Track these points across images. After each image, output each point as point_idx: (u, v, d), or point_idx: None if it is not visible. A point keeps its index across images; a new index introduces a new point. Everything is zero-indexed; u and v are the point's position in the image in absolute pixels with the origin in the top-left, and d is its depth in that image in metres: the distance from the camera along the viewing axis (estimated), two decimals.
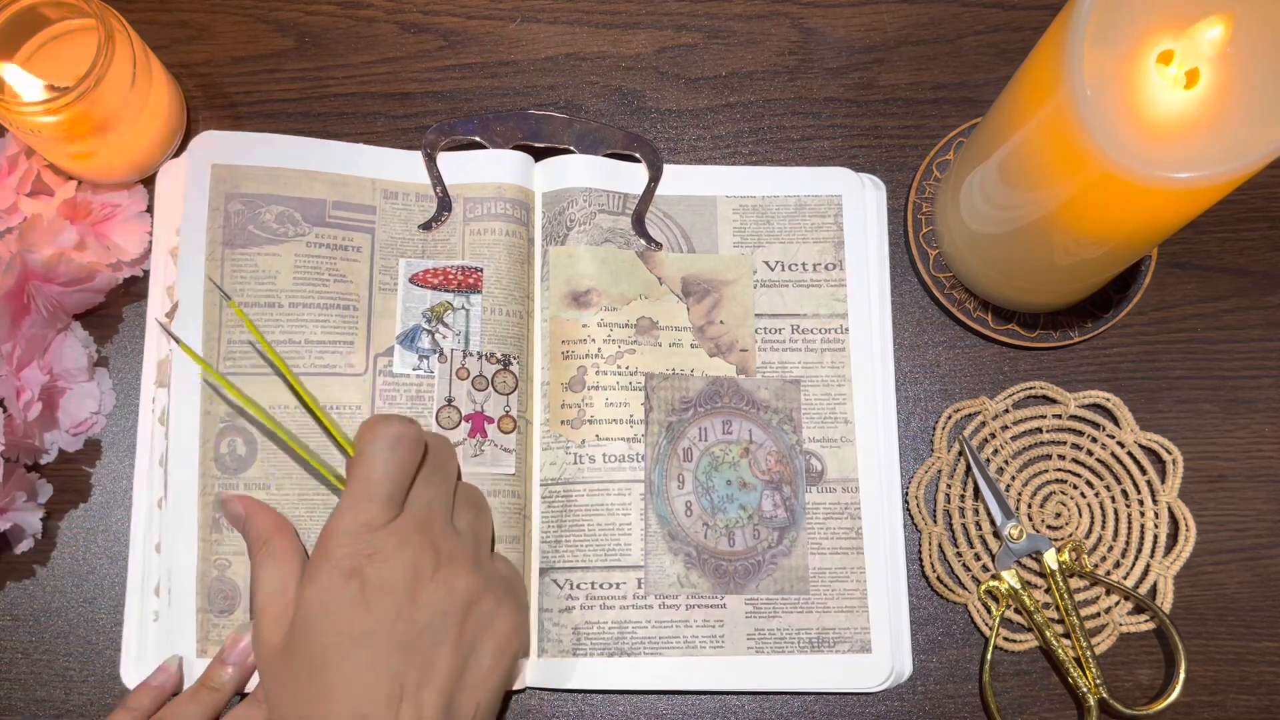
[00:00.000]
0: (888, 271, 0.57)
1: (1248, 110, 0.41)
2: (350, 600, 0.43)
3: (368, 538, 0.44)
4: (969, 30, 0.60)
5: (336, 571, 0.43)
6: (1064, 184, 0.44)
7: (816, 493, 0.54)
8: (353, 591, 0.43)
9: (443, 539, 0.45)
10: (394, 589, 0.43)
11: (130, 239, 0.55)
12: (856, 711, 0.53)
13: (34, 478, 0.53)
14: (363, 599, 0.43)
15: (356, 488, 0.45)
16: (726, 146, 0.59)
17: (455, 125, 0.56)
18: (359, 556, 0.43)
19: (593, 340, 0.54)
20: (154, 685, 0.49)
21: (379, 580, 0.43)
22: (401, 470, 0.45)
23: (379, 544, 0.44)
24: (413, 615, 0.43)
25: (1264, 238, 0.59)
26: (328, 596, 0.43)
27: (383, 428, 0.45)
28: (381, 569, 0.43)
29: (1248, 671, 0.54)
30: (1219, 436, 0.56)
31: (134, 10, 0.58)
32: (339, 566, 0.43)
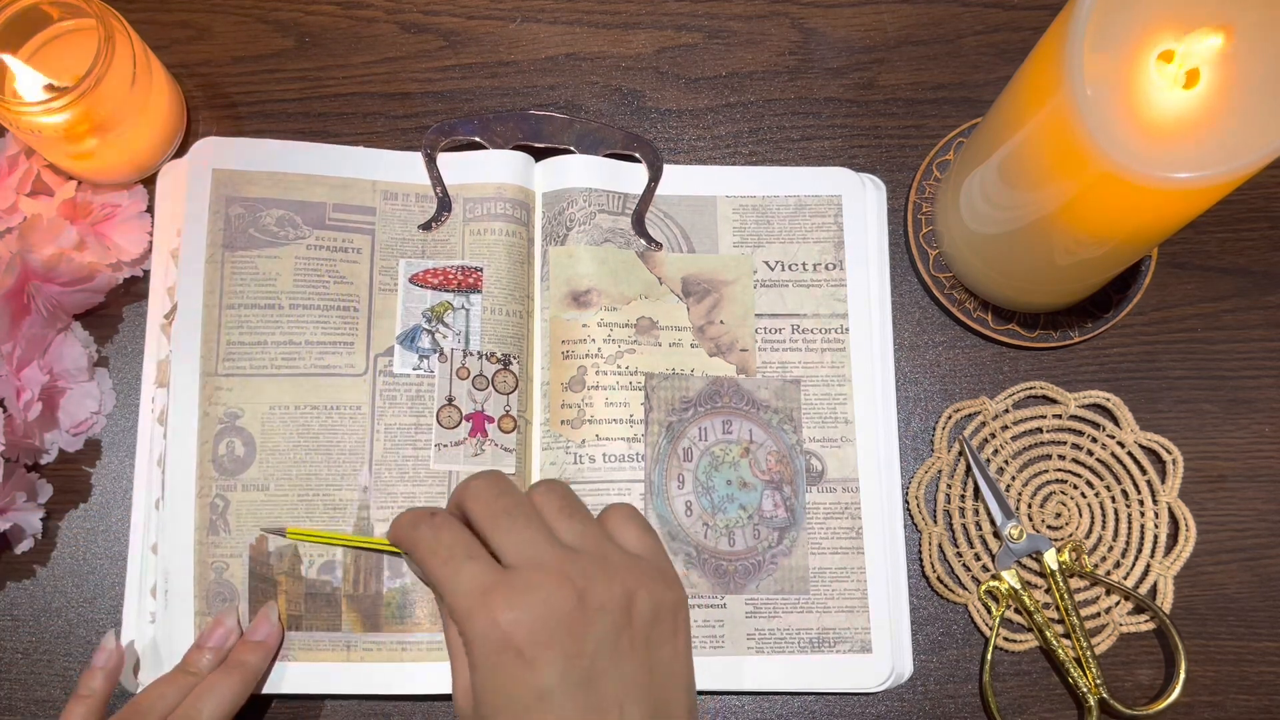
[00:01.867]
0: (888, 271, 0.57)
1: (1248, 110, 0.41)
2: (514, 669, 0.41)
3: (492, 602, 0.41)
4: (969, 30, 0.60)
5: (489, 649, 0.41)
6: (1064, 184, 0.44)
7: (816, 493, 0.54)
8: (513, 659, 0.41)
9: (566, 565, 0.42)
10: (550, 638, 0.41)
11: (130, 239, 0.55)
12: (856, 711, 0.53)
13: (34, 478, 0.53)
14: (524, 662, 0.40)
15: (442, 575, 0.43)
16: (726, 146, 0.59)
17: (455, 125, 0.56)
18: (496, 623, 0.41)
19: (593, 340, 0.54)
20: (99, 667, 0.48)
21: (531, 637, 0.41)
22: (460, 538, 0.44)
23: (509, 602, 0.41)
24: (580, 652, 0.41)
25: (1264, 238, 0.59)
26: (495, 675, 0.41)
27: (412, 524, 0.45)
28: (527, 625, 0.41)
29: (1248, 671, 0.54)
30: (1219, 436, 0.56)
31: (134, 10, 0.58)
32: (487, 643, 0.41)
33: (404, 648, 0.51)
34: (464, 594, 0.42)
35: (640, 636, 0.42)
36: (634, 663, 0.42)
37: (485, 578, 0.42)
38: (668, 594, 0.44)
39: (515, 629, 0.41)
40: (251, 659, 0.49)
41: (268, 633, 0.50)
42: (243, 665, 0.48)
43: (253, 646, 0.49)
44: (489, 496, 0.45)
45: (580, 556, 0.43)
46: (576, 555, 0.43)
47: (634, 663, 0.42)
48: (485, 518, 0.44)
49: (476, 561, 0.43)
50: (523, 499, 0.45)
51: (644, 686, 0.42)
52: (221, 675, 0.48)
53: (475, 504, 0.45)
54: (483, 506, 0.44)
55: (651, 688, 0.42)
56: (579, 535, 0.44)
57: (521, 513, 0.44)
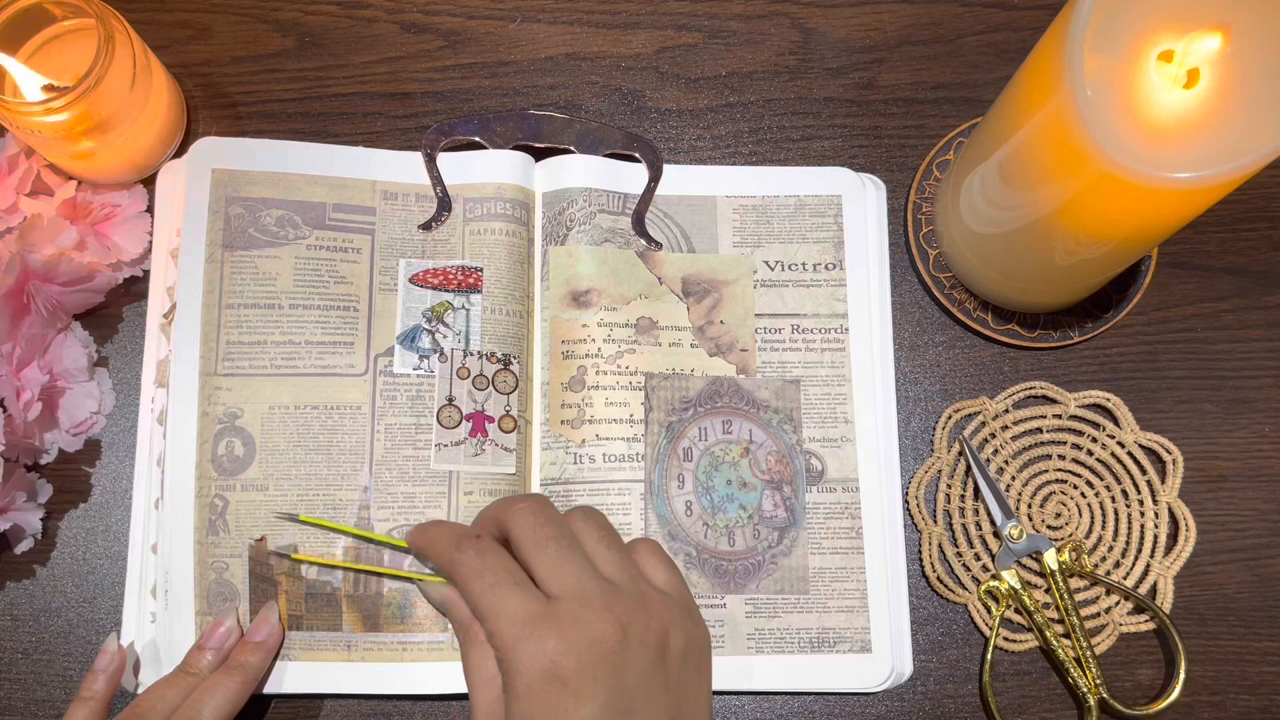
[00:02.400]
0: (888, 271, 0.57)
1: (1248, 110, 0.41)
2: (559, 699, 0.41)
3: (540, 632, 0.41)
4: (969, 30, 0.60)
5: (534, 679, 0.41)
6: (1064, 184, 0.44)
7: (816, 493, 0.54)
8: (557, 689, 0.41)
9: (610, 599, 0.43)
10: (595, 670, 0.41)
11: (130, 239, 0.55)
12: (856, 711, 0.53)
13: (34, 478, 0.53)
14: (570, 693, 0.41)
15: (487, 602, 0.43)
16: (726, 146, 0.59)
17: (455, 125, 0.56)
18: (544, 653, 0.41)
19: (593, 340, 0.54)
20: (101, 670, 0.49)
21: (577, 669, 0.41)
22: (505, 564, 0.44)
23: (557, 633, 0.41)
24: (621, 685, 0.41)
25: (1264, 238, 0.59)
26: (536, 705, 0.41)
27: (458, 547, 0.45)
28: (573, 657, 0.41)
29: (1248, 671, 0.54)
30: (1219, 436, 0.56)
31: (134, 10, 0.58)
32: (533, 671, 0.41)
33: (404, 648, 0.51)
34: (509, 621, 0.42)
35: (674, 673, 0.43)
36: (667, 698, 0.42)
37: (533, 606, 0.42)
38: (697, 633, 0.45)
39: (562, 660, 0.41)
40: (252, 659, 0.49)
41: (268, 633, 0.50)
42: (243, 666, 0.48)
43: (253, 647, 0.49)
44: (535, 523, 0.45)
45: (622, 593, 0.43)
46: (618, 591, 0.43)
47: (667, 698, 0.42)
48: (530, 544, 0.44)
49: (522, 590, 0.43)
50: (566, 528, 0.45)
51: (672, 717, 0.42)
52: (222, 676, 0.48)
53: (520, 529, 0.45)
54: (528, 533, 0.44)
55: None
56: (617, 568, 0.45)
57: (566, 542, 0.44)
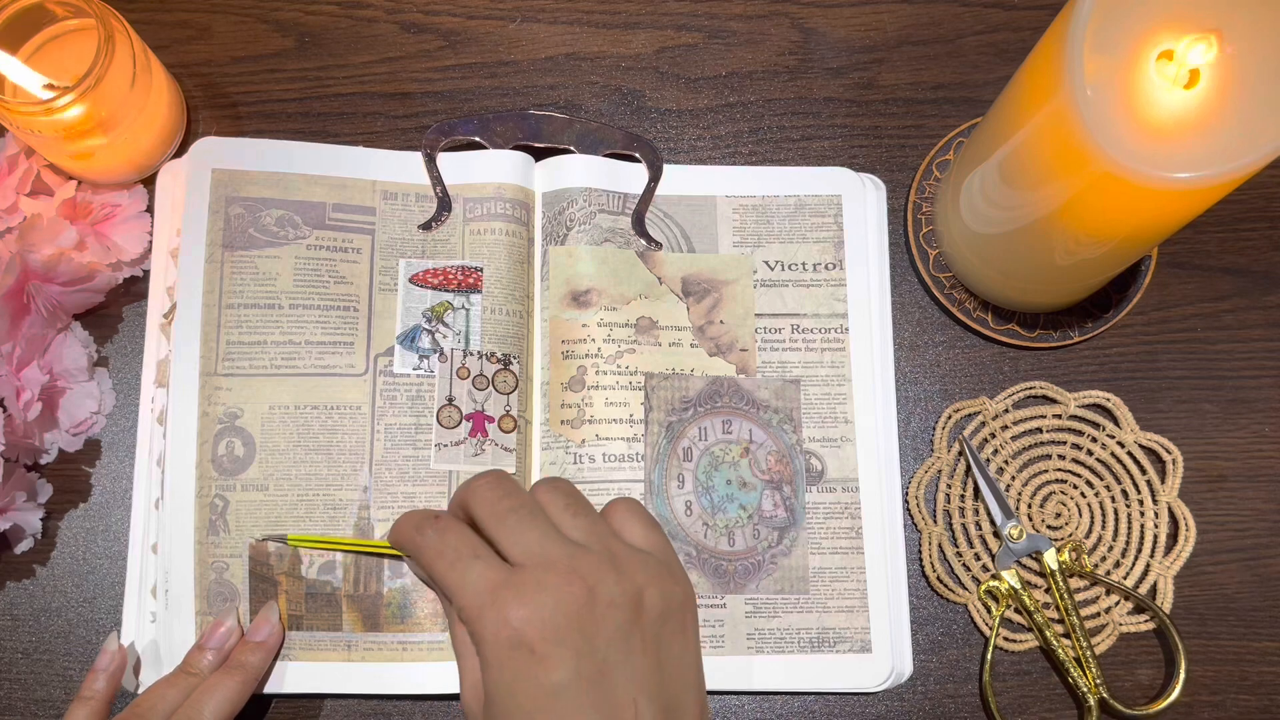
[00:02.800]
0: (888, 271, 0.57)
1: (1248, 110, 0.41)
2: (527, 666, 0.40)
3: (502, 600, 0.41)
4: (969, 30, 0.60)
5: (500, 648, 0.41)
6: (1064, 184, 0.44)
7: (816, 492, 0.54)
8: (525, 656, 0.40)
9: (575, 561, 0.42)
10: (561, 635, 0.40)
11: (130, 239, 0.55)
12: (856, 711, 0.53)
13: (34, 478, 0.53)
14: (537, 659, 0.40)
15: (449, 576, 0.43)
16: (726, 146, 0.59)
17: (455, 125, 0.56)
18: (508, 621, 0.41)
19: (592, 340, 0.54)
20: (101, 669, 0.49)
21: (543, 633, 0.40)
22: (465, 538, 0.44)
23: (520, 600, 0.41)
24: (591, 649, 0.41)
25: (1264, 238, 0.59)
26: (507, 673, 0.41)
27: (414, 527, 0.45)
28: (538, 623, 0.40)
29: (1248, 671, 0.54)
30: (1219, 436, 0.56)
31: (134, 10, 0.58)
32: (499, 641, 0.41)
33: (404, 648, 0.51)
34: (473, 593, 0.42)
35: (650, 633, 0.42)
36: (645, 659, 0.42)
37: (494, 576, 0.42)
38: (676, 589, 0.44)
39: (527, 627, 0.40)
40: (253, 659, 0.49)
41: (268, 633, 0.50)
42: (244, 666, 0.48)
43: (254, 647, 0.49)
44: (493, 496, 0.44)
45: (588, 553, 0.42)
46: (584, 552, 0.42)
47: (645, 659, 0.42)
48: (490, 517, 0.44)
49: (483, 561, 0.43)
50: (527, 498, 0.45)
51: (656, 683, 0.41)
52: (223, 676, 0.48)
53: (480, 504, 0.44)
54: (487, 506, 0.44)
55: (663, 684, 0.42)
56: (585, 532, 0.44)
57: (527, 511, 0.44)
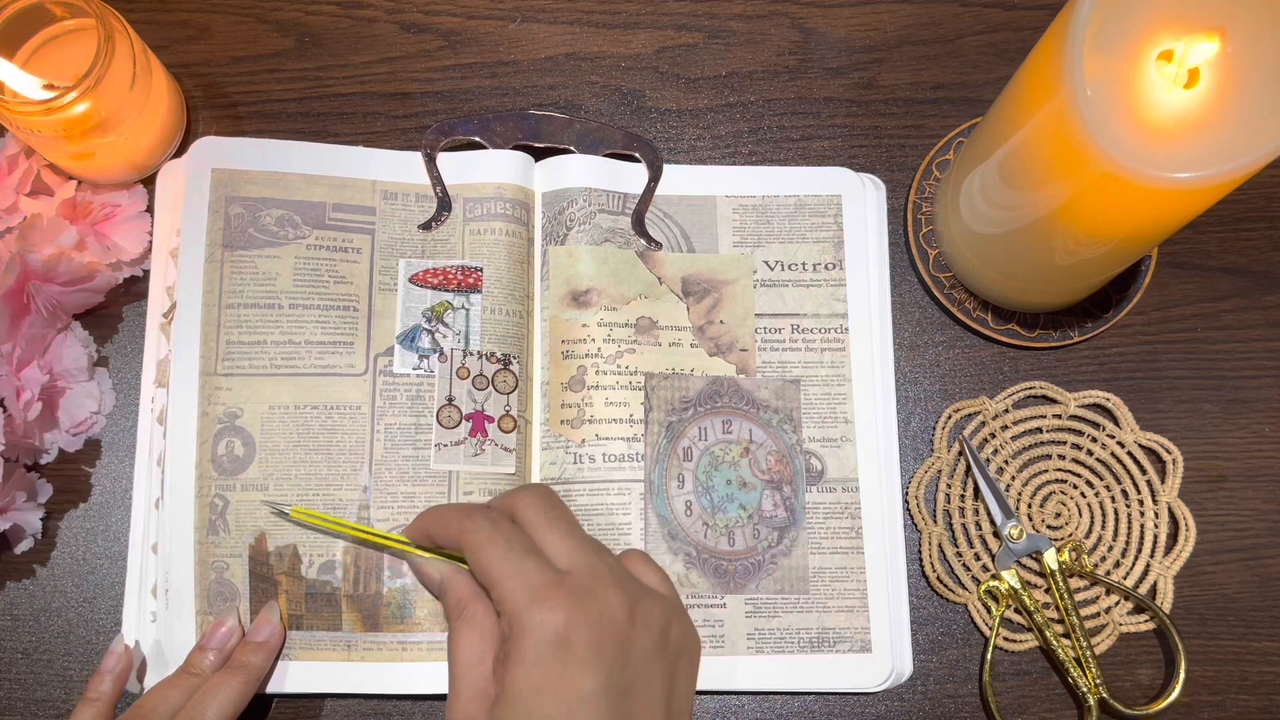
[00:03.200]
0: (888, 271, 0.57)
1: (1248, 110, 0.41)
2: (566, 666, 0.41)
3: (555, 600, 0.42)
4: (969, 30, 0.60)
5: (544, 642, 0.41)
6: (1064, 184, 0.44)
7: (816, 492, 0.54)
8: (566, 657, 0.41)
9: (621, 581, 0.44)
10: (603, 643, 0.42)
11: (130, 239, 0.55)
12: (856, 711, 0.53)
13: (34, 478, 0.53)
14: (578, 662, 0.41)
15: (501, 566, 0.43)
16: (726, 146, 0.59)
17: (455, 125, 0.56)
18: (558, 621, 0.42)
19: (592, 340, 0.54)
20: (107, 671, 0.49)
21: (587, 640, 0.42)
22: (519, 534, 0.45)
23: (571, 604, 0.42)
24: (625, 663, 0.42)
25: (1264, 238, 0.59)
26: (542, 669, 0.41)
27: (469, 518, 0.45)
28: (585, 628, 0.42)
29: (1248, 671, 0.54)
30: (1219, 436, 0.56)
31: (134, 10, 0.58)
32: (544, 636, 0.41)
33: (404, 648, 0.51)
34: (524, 586, 0.42)
35: (670, 663, 0.44)
36: (661, 686, 0.43)
37: (548, 574, 0.43)
38: (689, 628, 0.46)
39: (574, 631, 0.41)
40: (254, 660, 0.49)
41: (269, 633, 0.50)
42: (245, 667, 0.48)
43: (255, 647, 0.49)
44: (545, 505, 0.46)
45: (629, 578, 0.45)
46: (627, 575, 0.45)
47: (661, 686, 0.43)
48: (540, 521, 0.45)
49: (537, 558, 0.44)
50: (574, 516, 0.47)
51: (666, 708, 0.43)
52: (225, 677, 0.48)
53: (529, 509, 0.46)
54: (539, 513, 0.46)
55: (670, 711, 0.44)
56: (615, 562, 0.46)
57: (574, 525, 0.46)
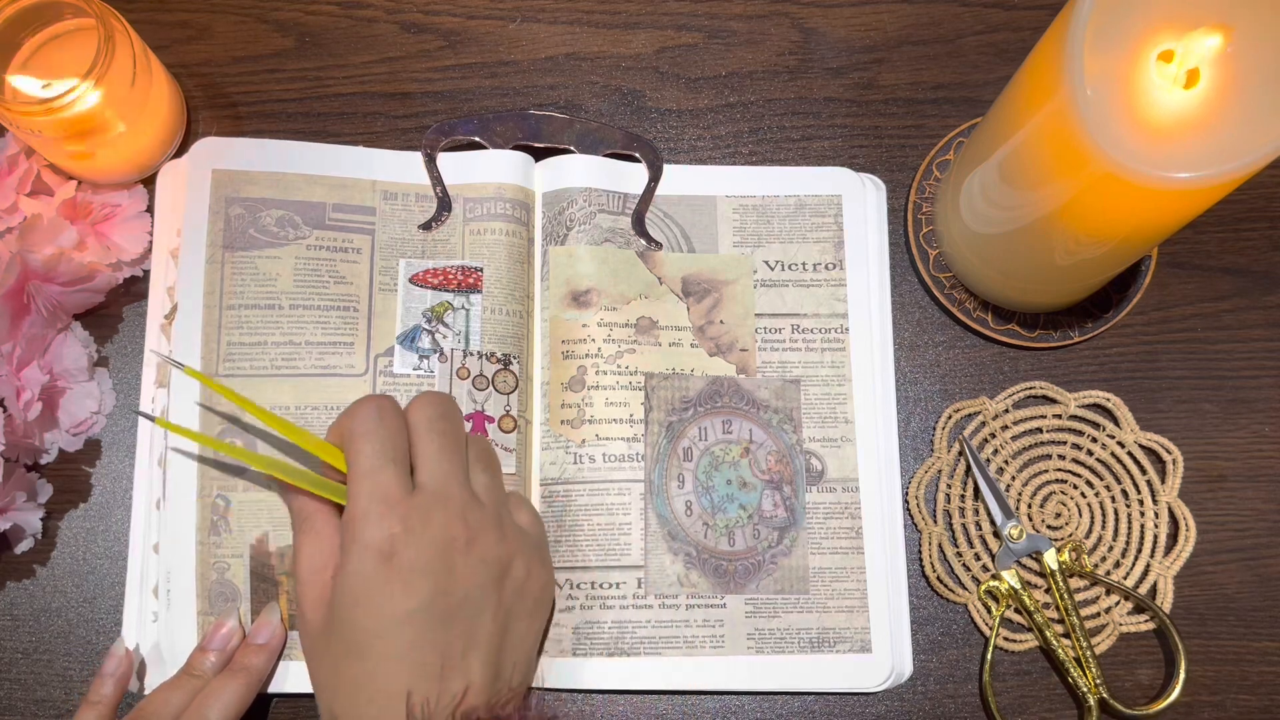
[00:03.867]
0: (888, 271, 0.57)
1: (1248, 110, 0.41)
2: (386, 582, 0.42)
3: (392, 515, 0.43)
4: (969, 30, 0.60)
5: (368, 554, 0.43)
6: (1064, 184, 0.44)
7: (816, 492, 0.54)
8: (388, 573, 0.42)
9: (468, 509, 0.45)
10: (429, 568, 0.43)
11: (130, 239, 0.55)
12: (856, 711, 0.53)
13: (34, 478, 0.53)
14: (399, 580, 0.42)
15: (361, 465, 0.44)
16: (726, 146, 0.59)
17: (455, 125, 0.56)
18: (388, 537, 0.43)
19: (592, 340, 0.54)
20: (109, 674, 0.49)
21: (413, 560, 0.43)
22: (396, 437, 0.45)
23: (407, 521, 0.43)
24: (450, 590, 0.43)
25: (1264, 238, 0.59)
26: (363, 581, 0.43)
27: (362, 404, 0.46)
28: (414, 548, 0.43)
29: (1248, 671, 0.54)
30: (1219, 436, 0.56)
31: (134, 10, 0.58)
32: (369, 548, 0.43)
33: None
34: (371, 493, 0.43)
35: (505, 601, 0.45)
36: (493, 622, 0.44)
37: (397, 487, 0.44)
38: (540, 572, 0.47)
39: (402, 548, 0.43)
40: (256, 662, 0.49)
41: (270, 635, 0.50)
42: (247, 669, 0.48)
43: (257, 649, 0.49)
44: (434, 414, 0.46)
45: (481, 508, 0.45)
46: (479, 505, 0.45)
47: (493, 622, 0.44)
48: (422, 429, 0.46)
49: (396, 469, 0.44)
50: (460, 433, 0.47)
51: (493, 647, 0.44)
52: (227, 679, 0.48)
53: (420, 414, 0.46)
54: (424, 420, 0.46)
55: (498, 651, 0.44)
56: (485, 488, 0.47)
57: (451, 442, 0.46)
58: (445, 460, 0.45)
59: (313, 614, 0.45)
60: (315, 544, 0.46)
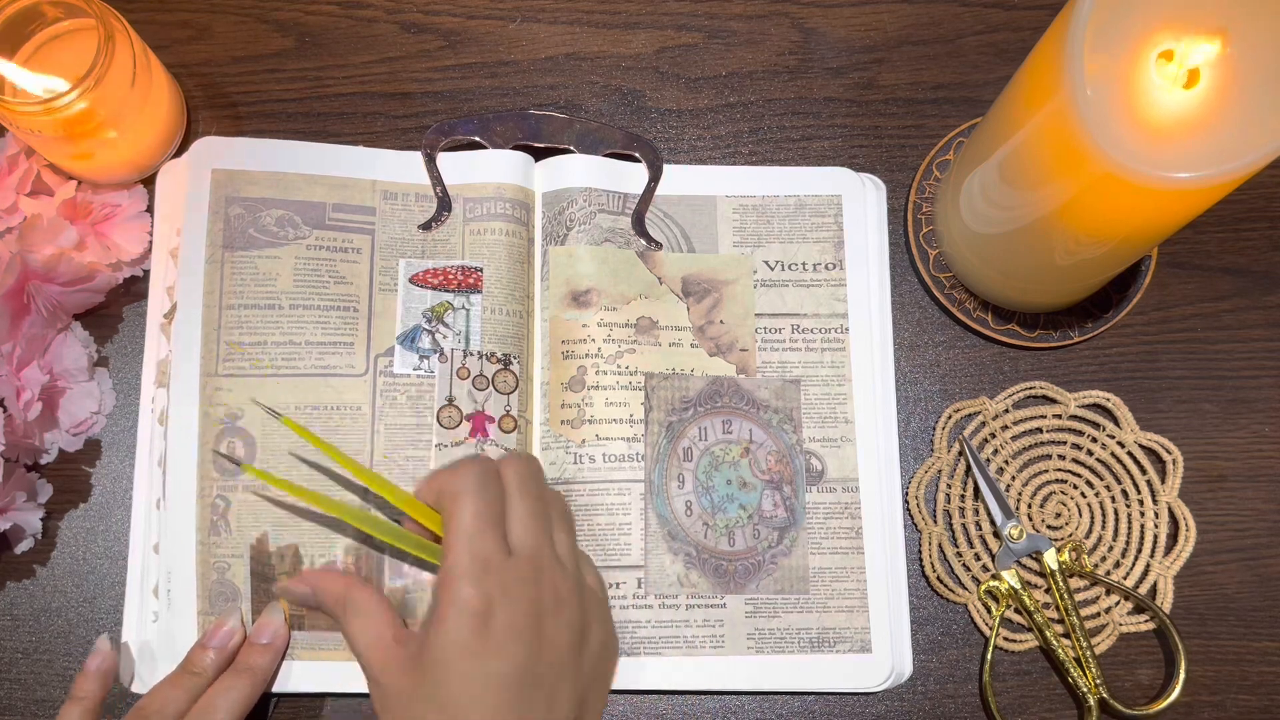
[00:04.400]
0: (888, 271, 0.57)
1: (1248, 110, 0.41)
2: (481, 644, 0.42)
3: (491, 578, 0.43)
4: (969, 30, 0.60)
5: (465, 614, 0.43)
6: (1064, 184, 0.44)
7: (816, 492, 0.54)
8: (484, 635, 0.43)
9: (557, 574, 0.45)
10: (522, 630, 0.43)
11: (130, 239, 0.55)
12: (856, 711, 0.53)
13: (34, 478, 0.53)
14: (493, 641, 0.43)
15: (464, 526, 0.44)
16: (726, 146, 0.59)
17: (455, 125, 0.56)
18: (486, 598, 0.43)
19: (592, 340, 0.54)
20: (93, 670, 0.49)
21: (508, 622, 0.43)
22: (498, 499, 0.45)
23: (504, 585, 0.43)
24: (540, 654, 0.43)
25: (1264, 238, 0.59)
26: (456, 640, 0.43)
27: (466, 465, 0.46)
28: (509, 610, 0.43)
29: (1248, 671, 0.54)
30: (1219, 436, 0.56)
31: (134, 10, 0.58)
32: (467, 609, 0.43)
33: None
34: (473, 556, 0.44)
35: (584, 666, 0.45)
36: (572, 688, 0.44)
37: (496, 552, 0.44)
38: (610, 640, 0.48)
39: (499, 610, 0.43)
40: (261, 661, 0.49)
41: (274, 634, 0.50)
42: (252, 669, 0.48)
43: (261, 649, 0.49)
44: (525, 474, 0.47)
45: (565, 571, 0.46)
46: (564, 568, 0.46)
47: (572, 688, 0.44)
48: (514, 491, 0.46)
49: (495, 535, 0.45)
50: (546, 494, 0.48)
51: (568, 712, 0.44)
52: (232, 678, 0.48)
53: (514, 477, 0.47)
54: (518, 480, 0.46)
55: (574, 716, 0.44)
56: (567, 551, 0.47)
57: (541, 506, 0.46)
58: (535, 525, 0.46)
59: (386, 679, 0.44)
60: (365, 622, 0.46)
